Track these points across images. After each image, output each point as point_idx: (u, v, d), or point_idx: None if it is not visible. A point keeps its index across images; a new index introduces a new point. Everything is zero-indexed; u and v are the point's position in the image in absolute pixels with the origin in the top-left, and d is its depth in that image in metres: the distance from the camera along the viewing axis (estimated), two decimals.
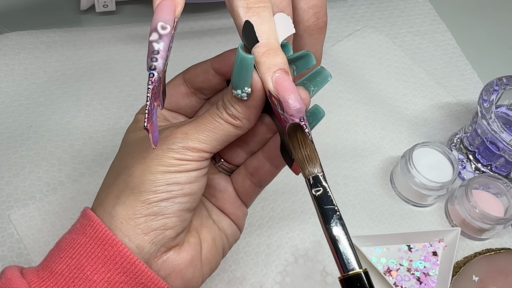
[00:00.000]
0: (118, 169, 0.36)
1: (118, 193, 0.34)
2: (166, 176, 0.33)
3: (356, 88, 0.61)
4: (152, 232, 0.34)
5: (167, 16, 0.30)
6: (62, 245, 0.35)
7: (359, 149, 0.57)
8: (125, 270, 0.33)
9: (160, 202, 0.33)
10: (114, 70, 0.59)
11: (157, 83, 0.30)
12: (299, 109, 0.31)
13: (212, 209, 0.39)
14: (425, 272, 0.50)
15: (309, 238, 0.51)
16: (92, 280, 0.33)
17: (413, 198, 0.53)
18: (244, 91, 0.32)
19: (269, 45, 0.31)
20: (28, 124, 0.55)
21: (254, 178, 0.38)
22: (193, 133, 0.34)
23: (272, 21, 0.32)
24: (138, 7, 0.65)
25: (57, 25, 0.62)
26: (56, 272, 0.33)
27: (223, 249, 0.39)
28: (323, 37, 0.37)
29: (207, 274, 0.38)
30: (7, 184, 0.51)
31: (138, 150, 0.35)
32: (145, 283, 0.33)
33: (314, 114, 0.35)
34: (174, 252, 0.35)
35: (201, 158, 0.34)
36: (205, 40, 0.63)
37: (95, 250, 0.33)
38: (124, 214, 0.33)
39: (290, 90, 0.31)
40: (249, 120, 0.34)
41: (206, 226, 0.38)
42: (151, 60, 0.29)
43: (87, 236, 0.34)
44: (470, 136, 0.54)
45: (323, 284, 0.48)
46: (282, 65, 0.31)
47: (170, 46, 0.30)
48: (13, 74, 0.58)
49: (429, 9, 0.69)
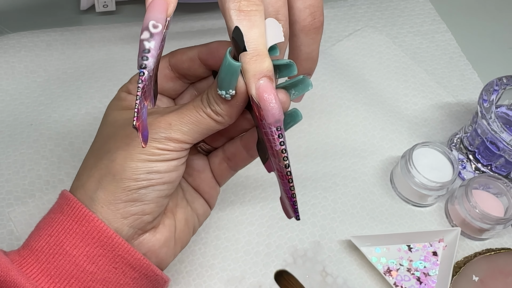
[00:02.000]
0: (100, 152, 0.37)
1: (100, 177, 0.35)
2: (147, 165, 0.34)
3: (356, 88, 0.61)
4: (131, 216, 0.35)
5: (159, 14, 0.30)
6: (41, 225, 0.36)
7: (359, 149, 0.57)
8: (102, 243, 0.35)
9: (140, 190, 0.35)
10: (114, 69, 0.59)
11: (147, 81, 0.30)
12: (277, 120, 0.32)
13: (187, 189, 0.40)
14: (425, 272, 0.50)
15: (308, 238, 0.51)
16: (71, 255, 0.34)
17: (413, 198, 0.53)
18: (228, 92, 0.33)
19: (257, 51, 0.32)
20: (29, 123, 0.55)
21: (231, 162, 0.40)
22: (177, 124, 0.35)
23: (263, 25, 0.32)
24: (138, 7, 0.65)
25: (57, 25, 0.62)
26: (36, 250, 0.35)
27: (194, 228, 0.41)
28: (320, 37, 0.37)
29: (178, 251, 0.40)
30: (7, 181, 0.51)
31: (121, 134, 0.36)
32: (122, 255, 0.35)
33: (292, 116, 0.36)
34: (150, 234, 0.37)
35: (182, 149, 0.35)
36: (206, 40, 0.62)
37: (73, 227, 0.35)
38: (105, 199, 0.35)
39: (271, 100, 0.32)
40: (231, 117, 0.35)
41: (181, 207, 0.39)
42: (142, 59, 0.29)
43: (65, 214, 0.35)
44: (470, 136, 0.54)
45: (323, 284, 0.48)
46: (267, 72, 0.32)
47: (161, 45, 0.30)
48: (13, 72, 0.58)
49: (430, 9, 0.69)
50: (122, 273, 0.35)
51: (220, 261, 0.49)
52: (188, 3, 0.65)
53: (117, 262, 0.35)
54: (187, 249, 0.49)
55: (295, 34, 0.36)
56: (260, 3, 0.32)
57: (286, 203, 0.36)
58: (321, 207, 0.52)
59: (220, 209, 0.51)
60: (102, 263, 0.35)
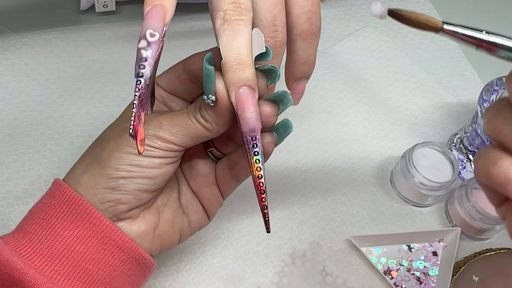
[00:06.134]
0: (99, 141, 0.39)
1: (89, 162, 0.38)
2: (130, 157, 0.36)
3: (356, 88, 0.61)
4: (107, 202, 0.37)
5: (156, 23, 0.30)
6: (34, 210, 0.38)
7: (358, 149, 0.57)
8: (91, 225, 0.36)
9: (119, 179, 0.36)
10: (114, 69, 0.59)
11: (144, 90, 0.30)
12: (252, 129, 0.32)
13: (185, 192, 0.41)
14: (425, 272, 0.50)
15: (307, 239, 0.51)
16: (62, 236, 0.36)
17: (413, 198, 0.53)
18: (209, 98, 0.33)
19: (238, 60, 0.32)
20: (29, 122, 0.55)
21: (233, 170, 0.40)
22: (167, 124, 0.36)
23: (248, 35, 0.32)
24: (138, 7, 0.65)
25: (57, 25, 0.62)
26: (29, 232, 0.37)
27: (182, 233, 0.41)
28: (317, 41, 0.38)
29: (156, 250, 0.40)
30: (7, 181, 0.51)
31: (118, 128, 0.38)
32: (110, 236, 0.37)
33: (284, 127, 0.37)
34: (126, 223, 0.38)
35: (168, 149, 0.36)
36: (206, 40, 0.63)
37: (63, 210, 0.37)
38: (88, 183, 0.37)
39: (248, 109, 0.32)
40: (218, 125, 0.35)
41: (170, 208, 0.40)
42: (139, 67, 0.30)
43: (56, 199, 0.37)
44: (470, 136, 0.54)
45: (323, 284, 0.48)
46: (247, 81, 0.32)
47: (159, 53, 0.31)
48: (13, 69, 0.58)
49: (430, 9, 0.69)
50: (111, 254, 0.37)
51: (219, 260, 0.49)
52: (188, 3, 0.65)
53: (105, 243, 0.36)
54: (187, 248, 0.49)
55: (292, 39, 0.37)
56: (247, 12, 0.33)
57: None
58: (321, 207, 0.52)
59: (219, 209, 0.51)
60: (91, 244, 0.36)
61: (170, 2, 0.31)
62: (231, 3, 0.32)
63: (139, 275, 0.39)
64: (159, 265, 0.48)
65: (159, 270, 0.48)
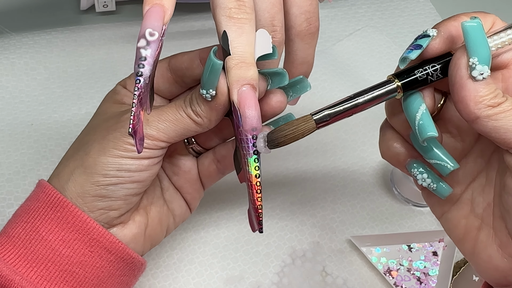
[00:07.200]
0: (81, 143, 0.38)
1: (73, 168, 0.36)
2: (118, 161, 0.35)
3: (356, 88, 0.60)
4: (97, 211, 0.36)
5: (156, 22, 0.30)
6: (17, 213, 0.37)
7: (358, 150, 0.57)
8: (77, 228, 0.35)
9: (108, 186, 0.35)
10: (114, 69, 0.59)
11: (143, 89, 0.30)
12: (254, 128, 0.32)
13: (168, 189, 0.40)
14: (425, 272, 0.50)
15: (307, 239, 0.51)
16: (47, 240, 0.35)
17: (413, 198, 0.53)
18: (208, 92, 0.33)
19: (243, 58, 0.32)
20: (29, 122, 0.55)
21: (220, 164, 0.40)
22: (154, 120, 0.35)
23: (252, 34, 0.32)
24: (138, 7, 0.65)
25: (57, 25, 0.62)
26: (13, 236, 0.36)
27: (168, 229, 0.41)
28: (315, 42, 0.38)
29: (147, 249, 0.40)
30: (8, 181, 0.51)
31: (102, 127, 0.37)
32: (97, 239, 0.36)
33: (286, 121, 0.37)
34: (118, 229, 0.37)
35: (156, 147, 0.35)
36: (206, 40, 0.63)
37: (48, 213, 0.36)
38: (74, 191, 0.36)
39: (251, 107, 0.32)
40: (210, 120, 0.35)
41: (156, 206, 0.40)
42: (138, 67, 0.30)
43: (40, 201, 0.36)
44: None
45: (323, 284, 0.48)
46: (251, 80, 0.32)
47: (158, 52, 0.31)
48: (13, 69, 0.58)
49: (430, 9, 0.69)
50: (98, 256, 0.36)
51: (219, 260, 0.49)
52: (188, 3, 0.65)
53: (92, 246, 0.36)
54: (187, 248, 0.49)
55: (291, 39, 0.37)
56: (251, 12, 0.32)
57: (252, 214, 0.36)
58: (321, 207, 0.53)
59: (219, 209, 0.51)
60: (78, 247, 0.36)
61: (169, 1, 0.31)
62: (235, 1, 0.32)
63: (128, 274, 0.38)
64: (159, 265, 0.48)
65: (159, 270, 0.48)
